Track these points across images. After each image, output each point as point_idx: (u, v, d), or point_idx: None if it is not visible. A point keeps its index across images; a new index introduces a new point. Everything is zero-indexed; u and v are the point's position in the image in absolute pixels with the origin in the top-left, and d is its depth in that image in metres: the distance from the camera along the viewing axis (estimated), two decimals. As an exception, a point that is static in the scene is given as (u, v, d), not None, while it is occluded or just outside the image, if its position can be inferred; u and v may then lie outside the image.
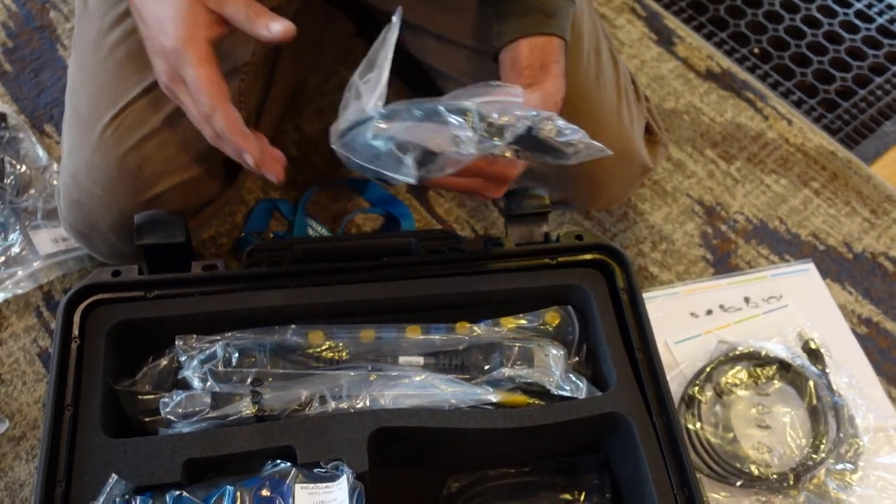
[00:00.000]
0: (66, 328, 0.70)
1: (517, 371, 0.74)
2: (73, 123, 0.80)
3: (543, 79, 0.73)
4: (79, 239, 0.81)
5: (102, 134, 0.77)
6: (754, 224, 1.02)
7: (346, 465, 0.65)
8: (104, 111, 0.77)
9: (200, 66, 0.63)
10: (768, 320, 0.92)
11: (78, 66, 0.82)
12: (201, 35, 0.63)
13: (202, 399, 0.68)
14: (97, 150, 0.76)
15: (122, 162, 0.76)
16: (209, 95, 0.63)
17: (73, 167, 0.78)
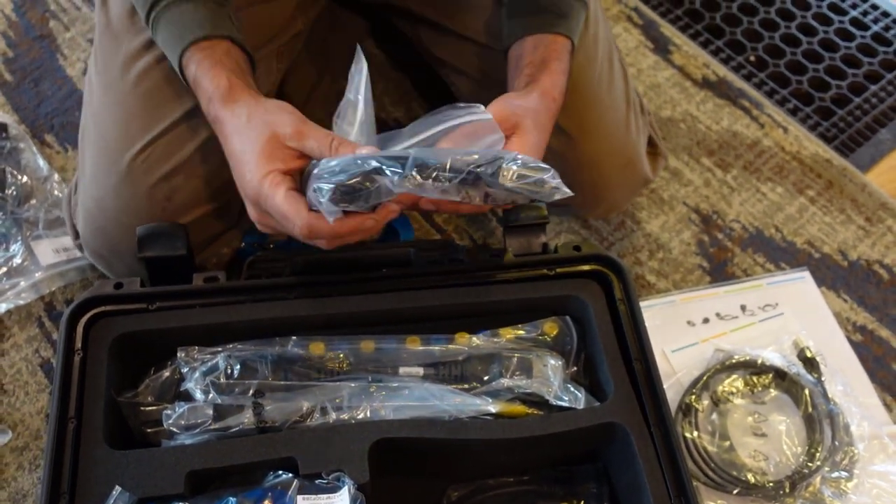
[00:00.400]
0: (69, 341, 0.71)
1: (516, 381, 0.75)
2: (98, 147, 0.79)
3: (541, 76, 0.74)
4: (98, 262, 0.81)
5: (132, 163, 0.77)
6: (750, 232, 1.03)
7: (347, 476, 0.65)
8: (134, 139, 0.77)
9: (275, 194, 0.63)
10: (764, 328, 0.93)
11: (103, 87, 0.81)
12: (278, 169, 0.64)
13: (204, 411, 0.69)
14: (126, 178, 0.77)
15: (151, 193, 0.76)
16: (296, 216, 0.63)
17: (98, 193, 0.78)
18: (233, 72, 0.68)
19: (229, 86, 0.67)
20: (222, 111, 0.67)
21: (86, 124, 0.82)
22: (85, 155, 0.81)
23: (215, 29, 0.70)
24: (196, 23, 0.70)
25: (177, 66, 0.71)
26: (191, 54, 0.69)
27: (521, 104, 0.71)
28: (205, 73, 0.68)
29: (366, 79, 0.66)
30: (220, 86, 0.67)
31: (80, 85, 1.10)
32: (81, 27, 1.16)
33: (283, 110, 0.65)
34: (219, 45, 0.70)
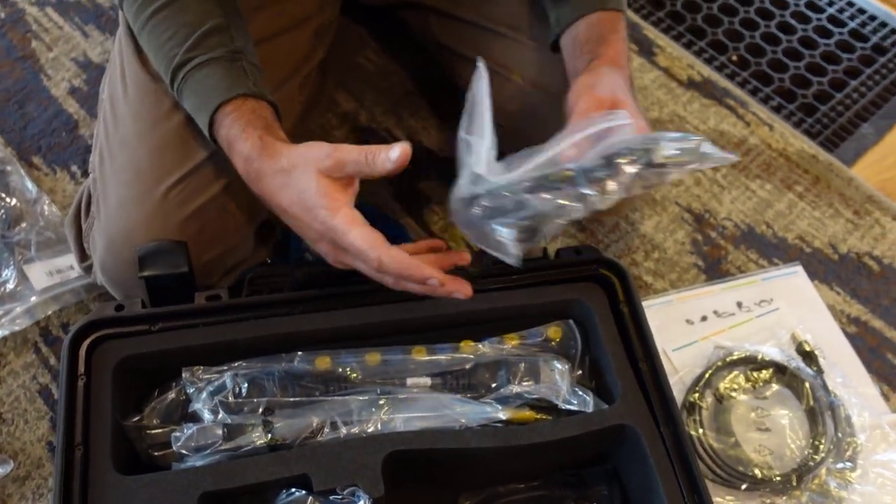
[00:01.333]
0: (72, 366, 0.70)
1: (524, 387, 0.75)
2: (128, 175, 0.78)
3: (603, 49, 0.75)
4: (117, 291, 0.79)
5: (166, 195, 0.76)
6: (742, 230, 1.04)
7: (362, 491, 0.65)
8: (170, 171, 0.76)
9: (351, 230, 0.64)
10: (761, 323, 0.94)
11: (134, 116, 0.80)
12: (340, 203, 0.65)
13: (214, 431, 0.68)
14: (158, 210, 0.76)
15: (183, 226, 0.76)
16: (371, 249, 0.64)
17: (126, 225, 0.76)
18: (263, 129, 0.69)
19: (262, 144, 0.68)
20: (264, 166, 0.67)
21: (110, 149, 0.80)
22: (108, 181, 0.79)
23: (233, 90, 0.70)
24: (214, 89, 0.71)
25: (208, 134, 0.72)
26: (219, 122, 0.70)
27: (602, 82, 0.72)
28: (237, 136, 0.69)
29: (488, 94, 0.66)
30: (255, 146, 0.68)
31: (65, 105, 1.09)
32: (64, 46, 1.15)
33: (315, 147, 0.66)
34: (243, 105, 0.70)
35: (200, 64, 0.71)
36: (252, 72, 0.72)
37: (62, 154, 1.04)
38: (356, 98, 1.12)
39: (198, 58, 0.71)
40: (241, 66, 0.72)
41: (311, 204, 0.65)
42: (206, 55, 0.71)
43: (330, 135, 1.09)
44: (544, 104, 0.88)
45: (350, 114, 1.11)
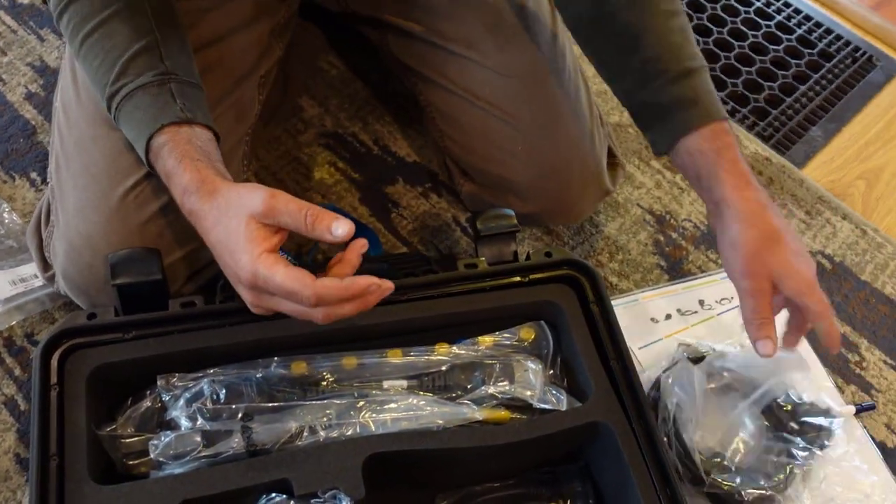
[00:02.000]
0: (44, 376, 0.69)
1: (499, 387, 0.77)
2: (84, 180, 0.76)
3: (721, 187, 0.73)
4: (80, 297, 0.78)
5: (124, 198, 0.74)
6: (702, 230, 1.07)
7: (343, 493, 0.66)
8: (126, 174, 0.75)
9: (276, 273, 0.61)
10: (723, 321, 0.97)
11: (87, 119, 0.78)
12: (264, 249, 0.63)
13: (193, 438, 0.68)
14: (117, 214, 0.74)
15: (143, 229, 0.74)
16: (304, 287, 0.61)
17: (85, 229, 0.75)
18: (200, 160, 0.67)
19: (201, 178, 0.66)
20: (198, 205, 0.66)
21: (65, 154, 0.79)
22: (65, 187, 0.78)
23: (159, 119, 0.68)
24: (142, 121, 0.69)
25: (147, 166, 0.70)
26: (154, 153, 0.68)
27: (744, 241, 0.72)
28: (173, 168, 0.67)
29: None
30: (194, 179, 0.66)
31: (22, 111, 1.06)
32: (19, 51, 1.12)
33: (252, 190, 0.64)
34: (177, 134, 0.68)
35: (129, 94, 0.69)
36: (183, 93, 0.70)
37: (20, 161, 1.02)
38: (320, 103, 1.13)
39: (125, 87, 0.69)
40: (170, 89, 0.69)
41: (233, 247, 0.63)
42: (132, 83, 0.69)
43: (295, 139, 1.09)
44: (500, 124, 0.90)
45: (315, 118, 1.11)
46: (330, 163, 1.07)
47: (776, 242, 0.71)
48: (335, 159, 1.08)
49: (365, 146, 1.09)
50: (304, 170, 1.06)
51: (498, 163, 0.92)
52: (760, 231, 0.72)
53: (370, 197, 1.04)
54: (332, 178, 1.06)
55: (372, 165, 1.08)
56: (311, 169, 1.06)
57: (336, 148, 1.09)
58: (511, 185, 0.92)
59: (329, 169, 1.06)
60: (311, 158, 1.07)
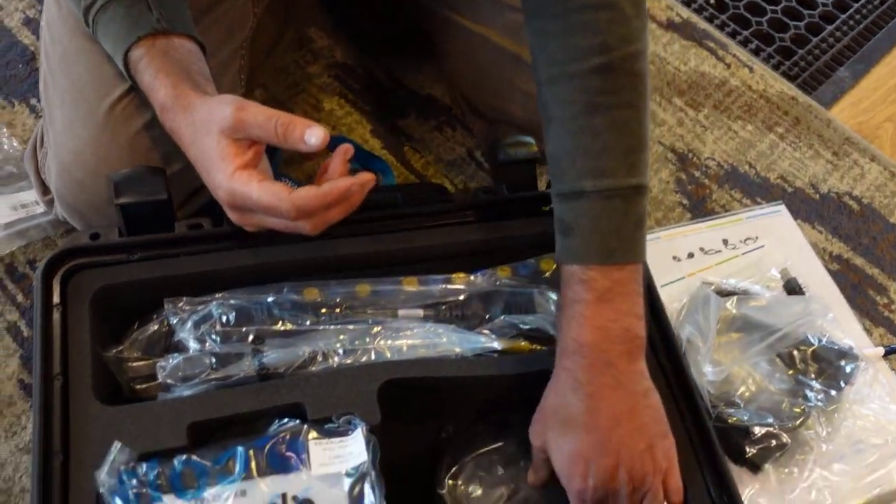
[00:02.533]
0: (46, 296, 0.66)
1: (519, 318, 0.74)
2: (71, 96, 0.73)
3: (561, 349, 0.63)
4: (74, 218, 0.75)
5: (111, 111, 0.71)
6: (725, 169, 1.04)
7: (358, 419, 0.63)
8: (111, 86, 0.71)
9: (251, 190, 0.59)
10: (747, 260, 0.94)
11: (70, 33, 0.74)
12: (237, 167, 0.60)
13: (202, 360, 0.65)
14: (105, 127, 0.71)
15: (132, 143, 0.71)
16: (282, 202, 0.59)
17: (74, 145, 0.72)
18: (177, 75, 0.64)
19: (175, 94, 0.63)
20: (175, 122, 0.63)
21: (51, 72, 0.75)
22: (53, 105, 0.74)
23: (132, 32, 0.64)
24: (117, 34, 0.65)
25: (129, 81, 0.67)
26: (133, 67, 0.65)
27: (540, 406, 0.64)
28: (150, 84, 0.64)
29: None
30: (169, 95, 0.63)
31: (20, 36, 1.02)
32: (17, -24, 1.08)
33: (222, 104, 0.61)
34: (152, 47, 0.65)
35: (104, 6, 0.65)
36: (161, 2, 0.66)
37: (19, 87, 0.98)
38: (329, 34, 1.08)
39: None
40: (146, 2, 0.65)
41: (209, 165, 0.61)
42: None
43: (304, 70, 1.05)
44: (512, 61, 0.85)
45: (324, 50, 1.07)
46: (340, 94, 1.03)
47: (563, 422, 0.61)
48: (345, 91, 1.04)
49: (376, 79, 1.05)
50: (314, 101, 1.02)
51: (511, 102, 0.88)
52: (553, 403, 0.63)
53: (382, 130, 1.01)
54: (343, 109, 1.02)
55: (384, 98, 1.04)
56: (320, 101, 1.03)
57: (346, 80, 1.05)
58: (525, 124, 0.88)
59: (339, 100, 1.03)
60: (321, 90, 1.04)
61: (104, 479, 0.57)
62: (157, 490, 0.58)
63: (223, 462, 0.60)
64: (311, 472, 0.60)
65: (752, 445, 0.77)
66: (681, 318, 0.85)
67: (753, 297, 0.88)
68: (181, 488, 0.58)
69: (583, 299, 0.60)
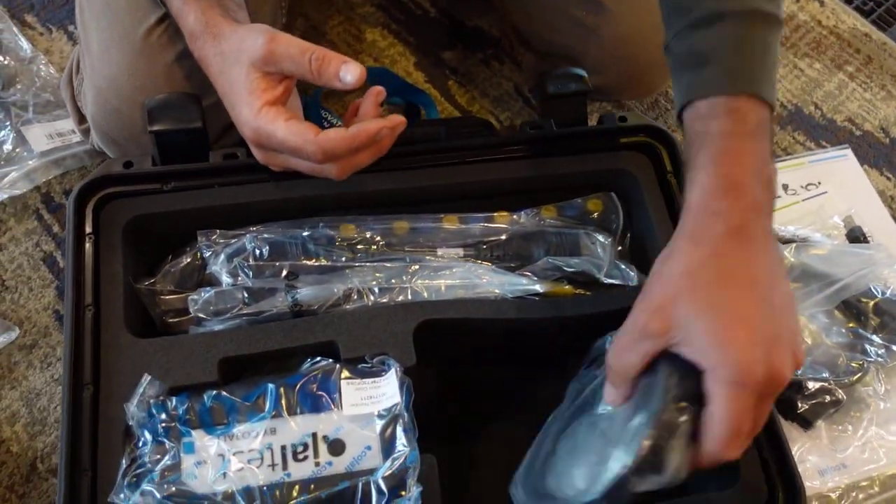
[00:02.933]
0: (79, 224, 0.64)
1: (563, 260, 0.70)
2: (107, 20, 0.70)
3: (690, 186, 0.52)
4: (110, 147, 0.74)
5: (147, 37, 0.68)
6: (789, 109, 0.97)
7: (392, 360, 0.61)
8: (148, 10, 0.69)
9: (277, 128, 0.57)
10: (808, 207, 0.89)
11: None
12: (265, 102, 0.57)
13: (234, 295, 0.63)
14: (141, 54, 0.68)
15: (169, 70, 0.69)
16: (307, 143, 0.56)
17: (110, 71, 0.69)
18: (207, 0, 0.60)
19: (205, 20, 0.60)
20: (206, 47, 0.60)
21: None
22: (89, 29, 0.72)
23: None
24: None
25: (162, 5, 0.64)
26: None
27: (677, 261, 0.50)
28: (179, 9, 0.61)
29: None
30: (199, 21, 0.60)
31: (58, -39, 1.00)
32: None
33: (252, 33, 0.57)
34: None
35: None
36: None
37: (57, 13, 0.96)
38: (375, -40, 1.03)
39: None
40: None
41: (235, 99, 0.58)
42: None
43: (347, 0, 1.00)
44: None
45: (369, -23, 1.03)
46: (383, 24, 0.99)
47: (714, 280, 0.47)
48: (389, 21, 0.99)
49: (422, 8, 1.01)
50: (356, 31, 0.98)
51: (562, 31, 0.83)
52: (704, 258, 0.48)
53: (426, 62, 0.97)
54: (386, 40, 0.98)
55: (429, 29, 0.99)
56: (362, 31, 0.99)
57: (390, 9, 1.00)
58: (578, 55, 0.83)
59: (382, 31, 0.98)
60: (364, 19, 0.99)
61: (133, 411, 0.56)
62: (186, 424, 0.57)
63: (253, 399, 0.59)
64: (342, 412, 0.58)
65: (805, 401, 0.73)
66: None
67: (813, 245, 0.83)
68: (210, 424, 0.57)
69: (735, 132, 0.50)
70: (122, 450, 0.57)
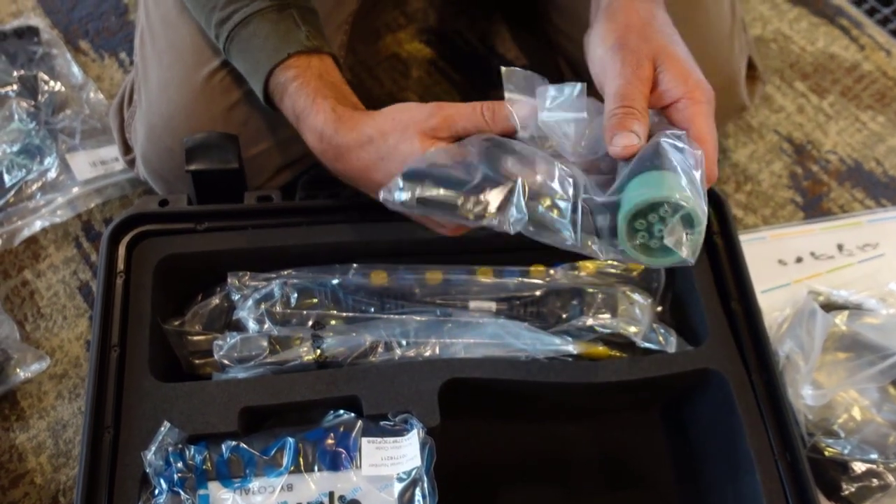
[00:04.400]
0: (111, 262, 0.65)
1: (599, 320, 0.68)
2: (169, 58, 0.71)
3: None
4: (157, 183, 0.74)
5: (209, 80, 0.69)
6: (848, 165, 0.93)
7: (415, 419, 0.59)
8: (214, 53, 0.69)
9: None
10: (863, 270, 0.85)
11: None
12: None
13: (259, 342, 0.62)
14: (201, 96, 0.69)
15: (227, 115, 0.69)
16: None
17: (167, 109, 0.70)
18: (335, 98, 0.59)
19: (337, 117, 0.59)
20: (345, 140, 0.58)
21: (151, 29, 0.73)
22: (149, 65, 0.72)
23: (281, 49, 0.61)
24: (262, 50, 0.62)
25: (263, 102, 0.64)
26: (278, 89, 0.62)
27: (619, 23, 0.56)
28: (306, 109, 0.60)
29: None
30: (329, 119, 0.59)
31: (115, -12, 1.02)
32: (116, -75, 1.07)
33: (410, 109, 0.57)
34: (307, 69, 0.61)
35: (244, 20, 0.62)
36: (305, 19, 0.63)
37: (111, 40, 0.98)
38: (425, -5, 1.03)
39: (240, 11, 0.62)
40: (291, 14, 0.62)
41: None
42: (248, 6, 0.62)
43: (395, 35, 1.00)
44: None
45: (418, 13, 1.02)
46: (430, 62, 0.98)
47: (658, 31, 0.56)
48: (436, 58, 0.98)
49: (470, 45, 0.99)
50: (402, 67, 0.98)
51: None
52: (639, 18, 0.56)
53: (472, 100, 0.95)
54: (431, 77, 0.97)
55: (476, 67, 0.98)
56: (409, 66, 0.98)
57: (438, 46, 0.99)
58: None
59: (428, 68, 0.98)
60: (411, 56, 0.99)
61: (151, 459, 0.55)
62: (202, 476, 0.56)
63: (272, 452, 0.57)
64: (360, 472, 0.57)
65: (851, 483, 0.69)
66: (781, 332, 0.77)
67: (867, 312, 0.79)
68: (227, 476, 0.56)
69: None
70: (138, 497, 0.56)
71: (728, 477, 0.64)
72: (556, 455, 0.71)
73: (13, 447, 0.72)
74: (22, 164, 0.83)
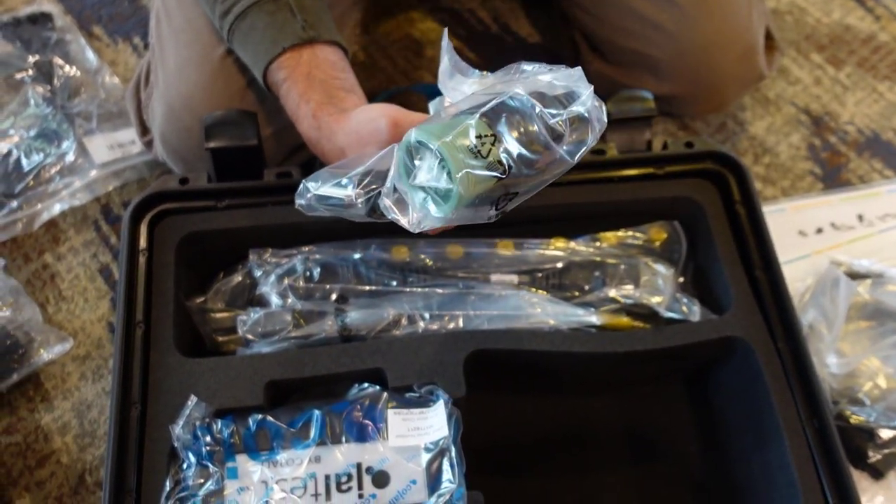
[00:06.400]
0: (133, 240, 0.65)
1: (622, 291, 0.68)
2: (187, 38, 0.70)
3: None
4: (176, 163, 0.74)
5: (225, 58, 0.68)
6: (867, 135, 0.93)
7: (441, 390, 0.59)
8: None
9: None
10: (884, 240, 0.84)
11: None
12: None
13: (283, 317, 0.63)
14: (219, 74, 0.68)
15: (244, 92, 0.69)
16: None
17: (186, 89, 0.70)
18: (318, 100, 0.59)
19: (318, 126, 0.58)
20: (325, 148, 0.59)
21: (166, 9, 0.73)
22: (166, 45, 0.72)
23: (277, 43, 0.60)
24: (259, 44, 0.61)
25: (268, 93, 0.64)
26: (275, 85, 0.62)
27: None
28: (294, 112, 0.60)
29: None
30: (312, 128, 0.59)
31: (127, -27, 1.01)
32: (126, -89, 1.07)
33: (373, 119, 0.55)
34: (297, 64, 0.60)
35: (242, 13, 0.62)
36: (303, 6, 0.62)
37: (124, 25, 0.98)
38: (438, -26, 1.02)
39: (239, 2, 0.62)
40: (287, 3, 0.61)
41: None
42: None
43: (407, 14, 0.99)
44: None
45: (431, -9, 1.01)
46: (444, 40, 0.97)
47: None
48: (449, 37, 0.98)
49: (483, 23, 0.99)
50: (416, 46, 0.97)
51: (636, 35, 0.80)
52: None
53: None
54: (446, 56, 0.96)
55: (489, 45, 0.97)
56: (422, 46, 0.97)
57: (451, 24, 0.99)
58: (649, 61, 0.80)
59: (442, 47, 0.97)
60: (424, 35, 0.98)
61: (179, 433, 0.56)
62: (230, 449, 0.56)
63: (299, 425, 0.58)
64: (387, 444, 0.57)
65: (877, 450, 0.69)
66: (804, 301, 0.77)
67: (890, 281, 0.78)
68: (255, 449, 0.57)
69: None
70: (167, 471, 0.56)
71: (754, 446, 0.64)
72: (580, 427, 0.71)
73: (38, 428, 0.72)
74: (40, 148, 0.83)
